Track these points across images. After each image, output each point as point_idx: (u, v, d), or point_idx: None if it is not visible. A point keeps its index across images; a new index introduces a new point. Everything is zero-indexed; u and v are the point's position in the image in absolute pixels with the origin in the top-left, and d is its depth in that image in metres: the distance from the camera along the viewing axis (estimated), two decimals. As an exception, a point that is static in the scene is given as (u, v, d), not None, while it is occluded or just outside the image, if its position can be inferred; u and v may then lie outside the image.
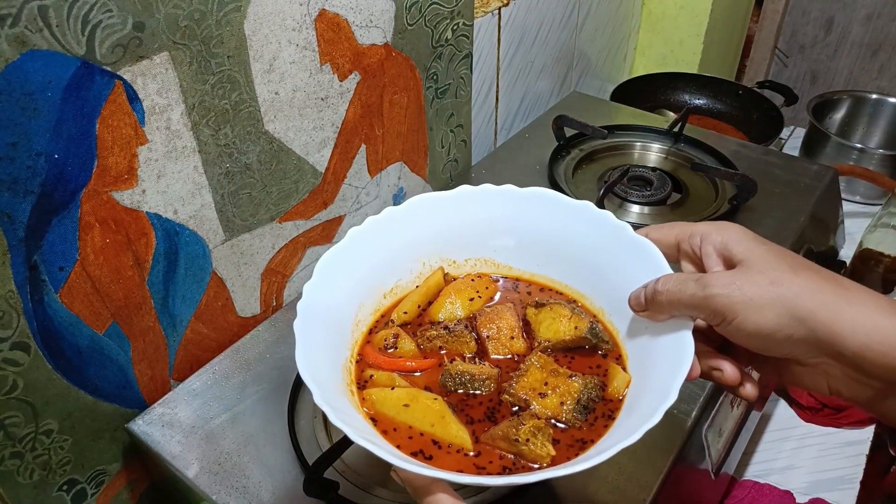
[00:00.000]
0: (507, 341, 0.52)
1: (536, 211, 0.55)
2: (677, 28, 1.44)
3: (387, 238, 0.53)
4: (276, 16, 0.61)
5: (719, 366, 0.44)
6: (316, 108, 0.70)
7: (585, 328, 0.50)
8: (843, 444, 0.86)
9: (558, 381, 0.47)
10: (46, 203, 0.51)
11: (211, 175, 0.62)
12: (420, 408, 0.46)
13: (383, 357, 0.50)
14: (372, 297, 0.54)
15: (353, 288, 0.51)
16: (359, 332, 0.52)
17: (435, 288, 0.56)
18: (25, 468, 0.57)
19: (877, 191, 1.24)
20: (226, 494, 0.55)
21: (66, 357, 0.56)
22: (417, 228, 0.55)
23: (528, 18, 1.01)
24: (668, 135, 1.01)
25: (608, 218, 0.52)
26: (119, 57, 0.51)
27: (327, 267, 0.49)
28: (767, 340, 0.40)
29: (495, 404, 0.48)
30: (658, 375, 0.44)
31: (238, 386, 0.65)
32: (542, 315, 0.52)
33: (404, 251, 0.55)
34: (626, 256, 0.49)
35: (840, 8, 2.02)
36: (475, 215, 0.56)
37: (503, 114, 1.05)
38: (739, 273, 0.41)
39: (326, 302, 0.48)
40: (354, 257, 0.51)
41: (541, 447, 0.43)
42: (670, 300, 0.43)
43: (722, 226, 0.45)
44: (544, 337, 0.51)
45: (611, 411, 0.47)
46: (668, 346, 0.44)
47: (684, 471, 0.60)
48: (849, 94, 1.41)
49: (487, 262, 0.58)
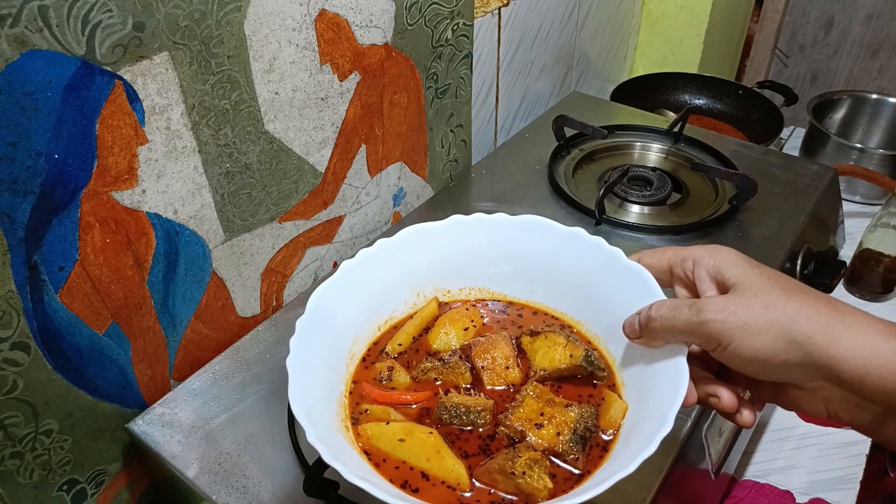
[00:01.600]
0: (503, 371, 0.51)
1: (529, 238, 0.55)
2: (677, 28, 1.44)
3: (380, 270, 0.53)
4: (276, 16, 0.61)
5: (716, 392, 0.44)
6: (316, 108, 0.70)
7: (581, 356, 0.50)
8: (843, 444, 0.86)
9: (554, 410, 0.47)
10: (46, 203, 0.51)
11: (211, 175, 0.62)
12: (416, 442, 0.46)
13: (378, 391, 0.50)
14: (366, 331, 0.54)
15: (348, 321, 0.51)
16: (353, 366, 0.52)
17: (429, 318, 0.56)
18: (25, 468, 0.57)
19: (877, 191, 1.24)
20: (226, 494, 0.55)
21: (66, 357, 0.56)
22: (410, 259, 0.55)
23: (528, 18, 1.01)
24: (668, 135, 1.01)
25: (601, 244, 0.52)
26: (119, 57, 0.51)
27: (320, 300, 0.49)
28: (763, 365, 0.40)
29: (491, 436, 0.48)
30: (655, 402, 0.44)
31: (238, 386, 0.65)
32: (538, 343, 0.52)
33: (398, 282, 0.55)
34: (620, 282, 0.49)
35: (840, 8, 2.02)
36: (468, 244, 0.56)
37: (503, 114, 1.05)
38: (733, 297, 0.41)
39: (320, 336, 0.48)
40: (348, 291, 0.51)
41: (537, 479, 0.43)
42: (664, 326, 0.43)
43: (714, 249, 0.44)
44: (540, 366, 0.51)
45: (606, 442, 0.46)
46: (664, 373, 0.44)
47: (684, 471, 0.60)
48: (849, 94, 1.41)
49: (482, 291, 0.58)
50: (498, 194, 0.90)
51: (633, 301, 0.47)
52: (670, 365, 0.44)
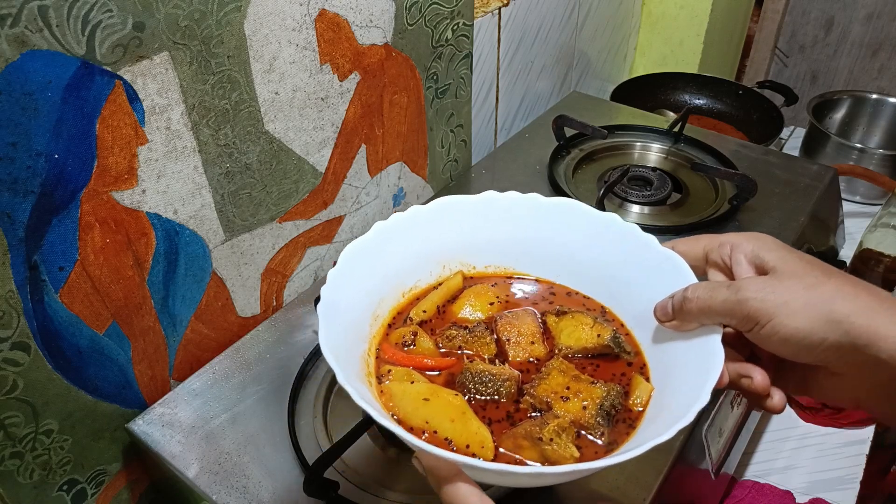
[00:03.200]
0: (528, 345, 0.51)
1: (561, 221, 0.54)
2: (677, 28, 1.44)
3: (410, 236, 0.53)
4: (276, 16, 0.61)
5: (749, 373, 0.43)
6: (316, 108, 0.70)
7: (608, 337, 0.49)
8: (843, 444, 0.86)
9: (580, 385, 0.46)
10: (46, 203, 0.51)
11: (211, 175, 0.62)
12: (441, 403, 0.45)
13: (401, 354, 0.49)
14: (391, 294, 0.53)
15: (375, 282, 0.51)
16: (377, 327, 0.51)
17: (454, 290, 0.55)
18: (25, 468, 0.57)
19: (877, 191, 1.24)
20: (226, 494, 0.55)
21: (66, 357, 0.56)
22: (441, 230, 0.54)
23: (528, 18, 1.01)
24: (668, 135, 1.01)
25: (634, 231, 0.51)
26: (119, 57, 0.51)
27: (351, 256, 0.49)
28: (800, 345, 0.39)
29: (514, 408, 0.47)
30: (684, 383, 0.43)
31: (238, 386, 0.65)
32: (564, 323, 0.51)
33: (426, 252, 0.54)
34: (653, 269, 0.49)
35: (840, 8, 2.02)
36: (499, 222, 0.55)
37: (503, 114, 1.05)
38: (772, 278, 0.41)
39: (348, 291, 0.47)
40: (377, 251, 0.51)
41: (565, 447, 0.43)
42: (701, 307, 0.43)
43: (753, 235, 0.45)
44: (565, 344, 0.50)
45: (632, 420, 0.46)
46: (696, 355, 0.44)
47: (684, 471, 0.60)
48: (849, 94, 1.41)
49: (507, 270, 0.57)
50: (498, 194, 0.90)
51: (665, 287, 0.47)
52: (703, 345, 0.43)
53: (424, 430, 0.44)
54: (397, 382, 0.46)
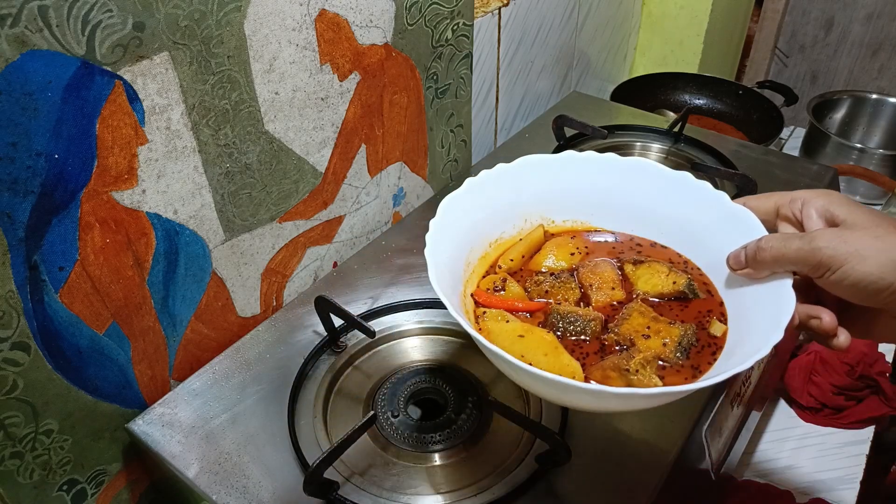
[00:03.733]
0: (609, 291, 0.55)
1: (636, 180, 0.58)
2: (677, 28, 1.44)
3: (496, 191, 0.57)
4: (276, 16, 0.61)
5: (818, 314, 0.46)
6: (316, 108, 0.70)
7: (684, 283, 0.53)
8: (843, 444, 0.86)
9: (659, 325, 0.51)
10: (46, 203, 0.51)
11: (211, 175, 0.62)
12: (535, 339, 0.49)
13: (494, 297, 0.54)
14: (480, 244, 0.57)
15: (466, 231, 0.55)
16: (469, 272, 0.55)
17: (536, 242, 0.59)
18: (25, 468, 0.57)
19: (877, 191, 1.24)
20: (226, 494, 0.55)
21: (66, 357, 0.56)
22: (524, 185, 0.58)
23: (528, 18, 1.01)
24: (668, 135, 1.01)
25: (706, 188, 0.55)
26: (119, 57, 0.51)
27: (449, 207, 0.53)
28: (868, 290, 0.43)
29: (601, 344, 0.51)
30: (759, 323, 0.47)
31: (238, 386, 0.65)
32: (641, 271, 0.55)
33: (510, 205, 0.58)
34: (725, 222, 0.52)
35: (840, 8, 2.02)
36: (577, 179, 0.59)
37: (503, 114, 1.05)
38: (843, 229, 0.45)
39: (444, 238, 0.51)
40: (468, 204, 0.55)
41: (649, 378, 0.47)
42: (774, 256, 0.46)
43: (823, 191, 0.48)
44: (643, 290, 0.54)
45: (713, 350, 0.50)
46: (769, 298, 0.47)
47: (684, 471, 0.60)
48: (849, 94, 1.41)
49: (584, 224, 0.61)
50: (498, 194, 0.90)
51: (736, 238, 0.50)
52: (775, 289, 0.47)
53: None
54: (493, 321, 0.51)
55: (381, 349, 0.69)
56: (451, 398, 0.62)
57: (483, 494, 0.55)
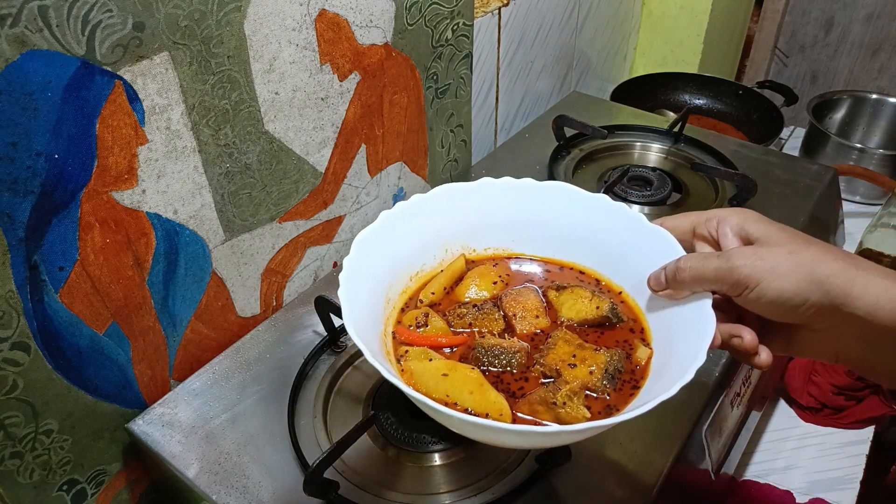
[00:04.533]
0: (533, 319, 0.54)
1: (555, 204, 0.58)
2: (677, 28, 1.44)
3: (414, 223, 0.56)
4: (276, 16, 0.61)
5: (739, 332, 0.46)
6: (316, 108, 0.70)
7: (607, 308, 0.52)
8: (842, 444, 0.86)
9: (585, 353, 0.50)
10: (46, 203, 0.51)
11: (211, 175, 0.62)
12: (459, 377, 0.48)
13: (416, 334, 0.52)
14: (400, 279, 0.56)
15: (384, 267, 0.54)
16: (389, 309, 0.54)
17: (458, 272, 0.58)
18: (25, 468, 0.57)
19: (877, 191, 1.24)
20: (226, 494, 0.55)
21: (66, 357, 0.56)
22: (442, 216, 0.57)
23: (528, 18, 1.01)
24: (668, 135, 1.01)
25: (623, 209, 0.54)
26: (119, 57, 0.51)
27: (364, 243, 0.51)
28: (786, 305, 0.43)
29: (526, 378, 0.50)
30: (682, 345, 0.47)
31: (238, 386, 0.65)
32: (564, 297, 0.54)
33: (429, 237, 0.57)
34: (643, 243, 0.52)
35: (840, 8, 2.02)
36: (496, 206, 0.59)
37: (503, 114, 1.05)
38: (759, 247, 0.45)
39: (362, 276, 0.50)
40: (386, 238, 0.54)
41: (577, 409, 0.46)
42: (693, 276, 0.46)
43: (737, 210, 0.49)
44: (567, 316, 0.54)
45: (636, 380, 0.49)
46: (690, 319, 0.47)
47: (684, 471, 0.60)
48: (849, 94, 1.41)
49: (506, 251, 0.60)
50: (498, 194, 0.90)
51: (656, 259, 0.50)
52: (696, 309, 0.47)
53: (446, 402, 0.47)
54: (416, 361, 0.49)
55: (380, 349, 0.69)
56: (451, 398, 0.62)
57: (483, 494, 0.55)
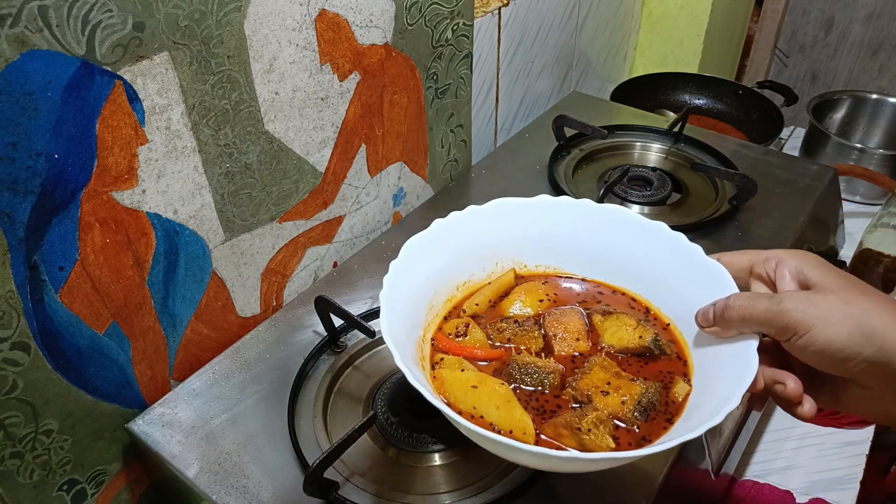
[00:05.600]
0: (573, 342, 0.53)
1: (610, 226, 0.57)
2: (677, 28, 1.44)
3: (466, 233, 0.56)
4: (276, 16, 0.61)
5: (783, 379, 0.45)
6: (316, 108, 0.70)
7: (649, 339, 0.51)
8: (843, 444, 0.86)
9: (620, 382, 0.49)
10: (46, 203, 0.51)
11: (211, 175, 0.62)
12: (487, 390, 0.47)
13: (453, 343, 0.52)
14: (446, 287, 0.56)
15: (431, 274, 0.54)
16: (432, 316, 0.54)
17: (505, 286, 0.57)
18: (25, 468, 0.57)
19: (877, 191, 1.24)
20: (226, 494, 0.55)
21: (66, 357, 0.56)
22: (496, 229, 0.57)
23: (528, 18, 1.01)
24: (668, 135, 1.01)
25: (681, 239, 0.53)
26: (119, 57, 0.51)
27: (411, 250, 0.52)
28: (834, 357, 0.41)
29: (557, 399, 0.49)
30: (720, 385, 0.45)
31: (238, 386, 0.65)
32: (609, 322, 0.54)
33: (480, 248, 0.57)
34: (697, 277, 0.51)
35: (840, 8, 2.02)
36: (552, 224, 0.58)
37: (503, 114, 1.05)
38: (813, 293, 0.43)
39: (406, 281, 0.51)
40: (436, 246, 0.54)
41: (601, 438, 0.45)
42: (742, 315, 0.45)
43: (798, 252, 0.47)
44: (608, 342, 0.53)
45: (671, 415, 0.48)
46: (732, 360, 0.46)
47: (684, 471, 0.60)
48: (849, 94, 1.41)
49: (557, 270, 0.60)
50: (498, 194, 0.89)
51: (708, 294, 0.49)
52: (740, 351, 0.45)
53: (472, 414, 0.47)
54: (448, 370, 0.50)
55: (381, 349, 0.69)
56: (451, 398, 0.62)
57: (483, 494, 0.55)
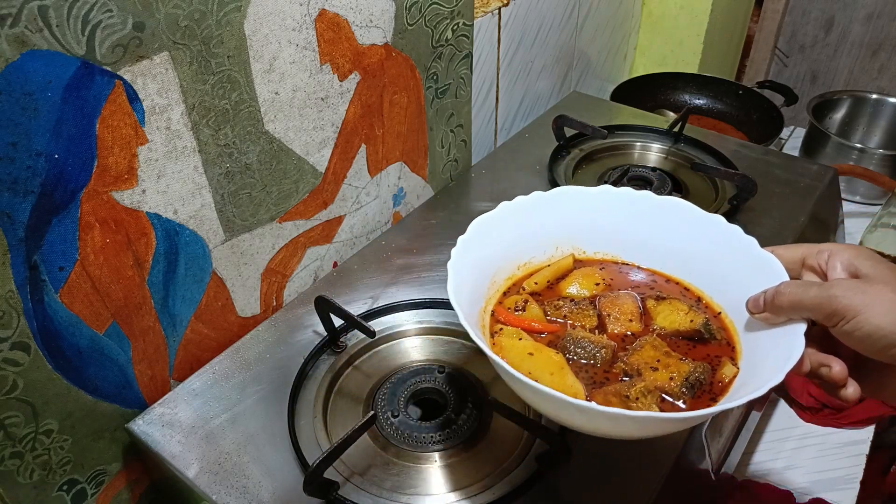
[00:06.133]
0: (626, 322, 0.56)
1: (669, 218, 0.59)
2: (677, 28, 1.44)
3: (530, 218, 0.59)
4: (276, 16, 0.61)
5: (828, 362, 0.46)
6: (316, 108, 0.70)
7: (700, 322, 0.54)
8: (842, 444, 0.86)
9: (670, 361, 0.51)
10: (46, 203, 0.51)
11: (211, 175, 0.62)
12: (542, 358, 0.51)
13: (513, 316, 0.56)
14: (508, 266, 0.59)
15: (495, 252, 0.58)
16: (493, 291, 0.58)
17: (564, 269, 0.61)
18: (25, 468, 0.57)
19: (877, 191, 1.24)
20: (226, 494, 0.55)
21: (66, 357, 0.57)
22: (558, 215, 0.61)
23: (528, 18, 1.01)
24: (668, 135, 1.01)
25: (737, 232, 0.55)
26: (119, 57, 0.51)
27: (479, 227, 0.56)
28: (880, 343, 0.42)
29: (607, 373, 0.52)
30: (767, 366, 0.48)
31: (238, 386, 0.65)
32: (662, 307, 0.56)
33: (542, 233, 0.61)
34: (751, 267, 0.53)
35: (840, 8, 2.02)
36: (611, 214, 0.61)
37: (503, 114, 1.05)
38: (863, 282, 0.45)
39: (472, 256, 0.54)
40: (501, 227, 0.58)
41: (648, 407, 0.48)
42: (792, 301, 0.46)
43: (850, 245, 0.49)
44: (660, 325, 0.55)
45: (715, 394, 0.50)
46: (781, 342, 0.48)
47: (684, 471, 0.60)
48: (849, 93, 1.41)
49: (614, 257, 0.62)
50: (498, 194, 0.90)
51: (760, 284, 0.51)
52: (788, 334, 0.47)
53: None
54: (507, 338, 0.53)
55: (381, 349, 0.69)
56: (451, 398, 0.63)
57: (483, 494, 0.55)
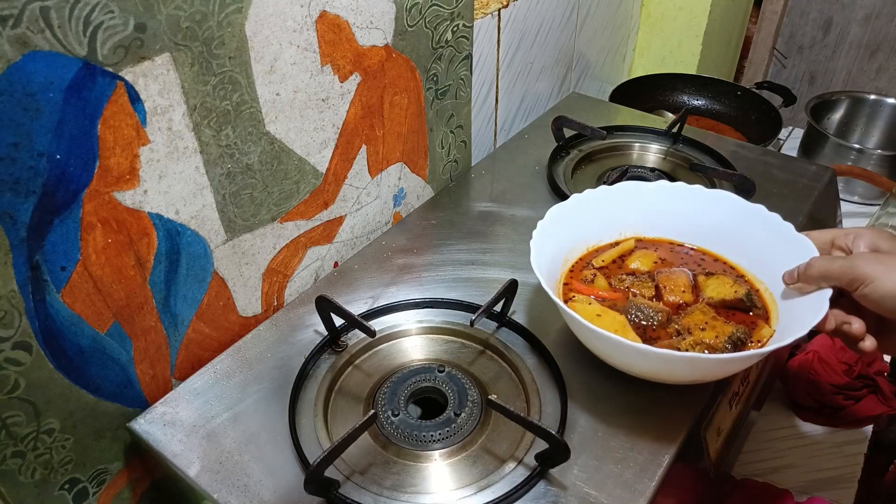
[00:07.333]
0: (679, 293, 0.67)
1: (718, 207, 0.71)
2: (676, 29, 1.45)
3: (598, 207, 0.72)
4: (277, 17, 0.62)
5: (849, 320, 0.55)
6: (317, 108, 0.70)
7: (743, 293, 0.65)
8: (841, 443, 0.86)
9: (716, 323, 0.62)
10: (48, 203, 0.51)
11: (212, 175, 0.63)
12: (608, 318, 0.63)
13: (584, 286, 0.68)
14: (579, 246, 0.72)
15: (569, 234, 0.70)
16: (566, 267, 0.70)
17: (627, 250, 0.73)
18: (27, 467, 0.57)
19: (875, 191, 1.25)
20: (227, 493, 0.56)
21: (68, 356, 0.57)
22: (622, 205, 0.73)
23: (528, 19, 1.01)
24: (666, 135, 1.01)
25: (777, 220, 0.67)
26: (121, 58, 0.51)
27: (555, 215, 0.68)
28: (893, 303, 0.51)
29: (662, 331, 0.64)
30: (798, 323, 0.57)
31: (239, 385, 0.65)
32: (710, 281, 0.68)
33: (609, 219, 0.73)
34: (787, 247, 0.64)
35: (839, 9, 2.03)
36: (669, 204, 0.73)
37: (503, 114, 1.05)
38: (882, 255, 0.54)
39: (550, 237, 0.66)
40: (574, 214, 0.70)
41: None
42: (821, 271, 0.56)
43: (874, 229, 0.57)
44: (709, 296, 0.66)
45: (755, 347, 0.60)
46: (810, 305, 0.58)
47: (683, 470, 0.60)
48: (847, 94, 1.41)
49: (670, 240, 0.74)
50: (498, 195, 0.90)
51: (795, 261, 0.61)
52: (816, 298, 0.57)
53: None
54: (579, 304, 0.65)
55: (381, 348, 0.69)
56: (452, 397, 0.63)
57: (483, 494, 0.55)
